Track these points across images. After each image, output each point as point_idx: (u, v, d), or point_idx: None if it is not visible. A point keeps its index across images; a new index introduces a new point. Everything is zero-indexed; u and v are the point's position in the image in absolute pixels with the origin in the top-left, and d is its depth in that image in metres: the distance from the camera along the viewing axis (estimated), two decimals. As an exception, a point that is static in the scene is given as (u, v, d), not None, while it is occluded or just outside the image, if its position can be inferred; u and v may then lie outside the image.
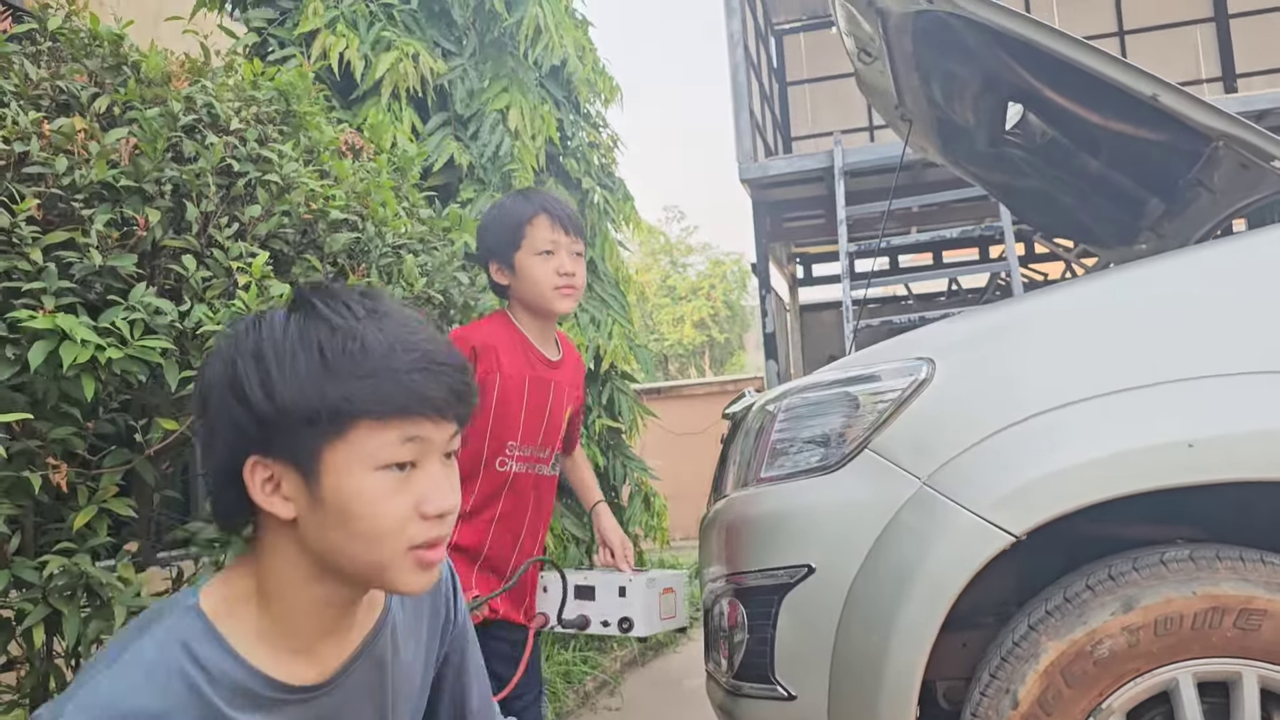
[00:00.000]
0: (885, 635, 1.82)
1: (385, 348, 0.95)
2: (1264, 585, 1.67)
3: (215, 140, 1.98)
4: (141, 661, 0.92)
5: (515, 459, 2.09)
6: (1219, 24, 11.38)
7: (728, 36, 8.35)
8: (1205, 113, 1.85)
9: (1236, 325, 1.78)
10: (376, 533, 0.94)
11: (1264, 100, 7.13)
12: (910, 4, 2.20)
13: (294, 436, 0.93)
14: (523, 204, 2.07)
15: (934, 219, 9.44)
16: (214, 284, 1.91)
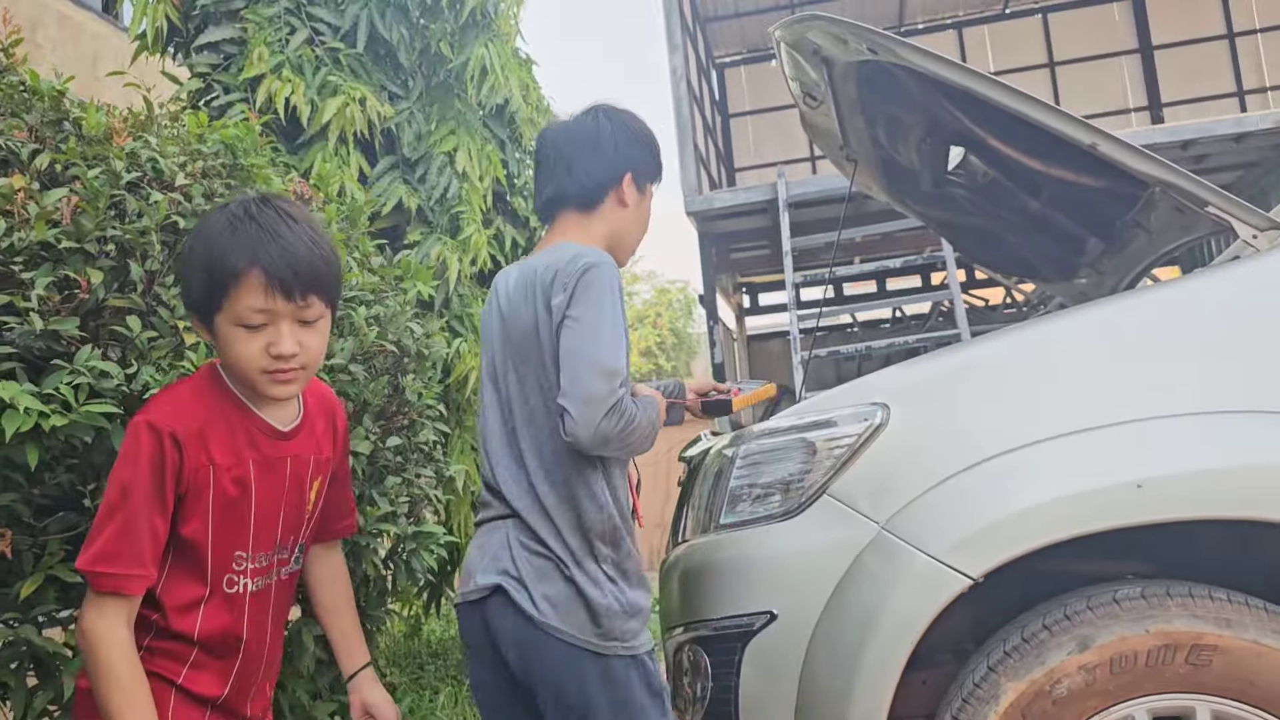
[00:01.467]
0: (849, 679, 1.84)
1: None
2: (1213, 621, 1.71)
3: (159, 197, 1.95)
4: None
5: (249, 574, 1.57)
6: (1144, 55, 11.78)
7: (670, 71, 8.44)
8: (1143, 161, 1.91)
9: (1181, 367, 1.83)
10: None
11: (1189, 130, 7.38)
12: (854, 54, 2.25)
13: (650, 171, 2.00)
14: (231, 250, 1.47)
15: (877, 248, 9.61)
16: (160, 344, 1.87)
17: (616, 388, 1.74)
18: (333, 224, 2.39)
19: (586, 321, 1.78)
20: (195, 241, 1.50)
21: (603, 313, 1.79)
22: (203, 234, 1.50)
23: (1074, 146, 1.99)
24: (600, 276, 1.81)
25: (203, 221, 1.54)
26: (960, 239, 3.42)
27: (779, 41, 2.54)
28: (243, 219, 1.48)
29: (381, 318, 2.35)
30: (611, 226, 2.01)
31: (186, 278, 1.53)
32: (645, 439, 1.82)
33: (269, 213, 1.49)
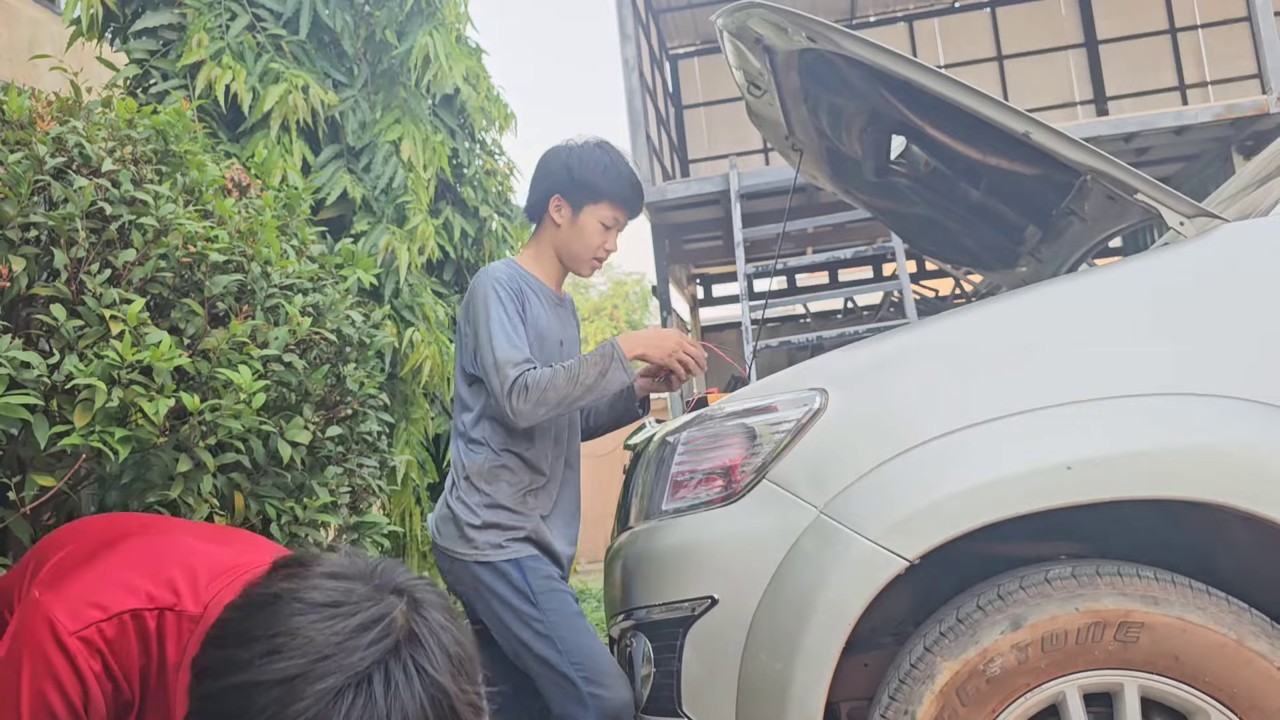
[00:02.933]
0: (789, 661, 1.85)
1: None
2: (1140, 598, 1.74)
3: (85, 183, 1.90)
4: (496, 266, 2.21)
5: None
6: (1089, 49, 11.97)
7: (623, 62, 8.43)
8: (1074, 149, 1.94)
9: (1110, 352, 1.86)
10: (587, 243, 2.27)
11: (1132, 123, 7.51)
12: (795, 43, 2.26)
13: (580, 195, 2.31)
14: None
15: (829, 239, 9.68)
16: (87, 333, 1.84)
17: (509, 373, 2.16)
18: (267, 212, 2.35)
19: (477, 337, 2.24)
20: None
21: (481, 319, 2.23)
22: (263, 686, 0.92)
23: (1009, 135, 2.01)
24: (478, 287, 2.28)
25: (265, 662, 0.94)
26: (905, 228, 3.45)
27: (721, 30, 2.54)
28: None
29: (320, 306, 2.32)
30: (552, 240, 2.40)
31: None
32: (578, 394, 2.20)
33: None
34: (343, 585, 0.99)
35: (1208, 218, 1.94)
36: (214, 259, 2.04)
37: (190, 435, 1.93)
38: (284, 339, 2.10)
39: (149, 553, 1.31)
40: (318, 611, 0.95)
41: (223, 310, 2.11)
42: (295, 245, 2.45)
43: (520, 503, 2.29)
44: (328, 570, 1.02)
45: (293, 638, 0.93)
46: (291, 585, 0.99)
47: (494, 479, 2.27)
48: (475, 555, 2.23)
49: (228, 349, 2.01)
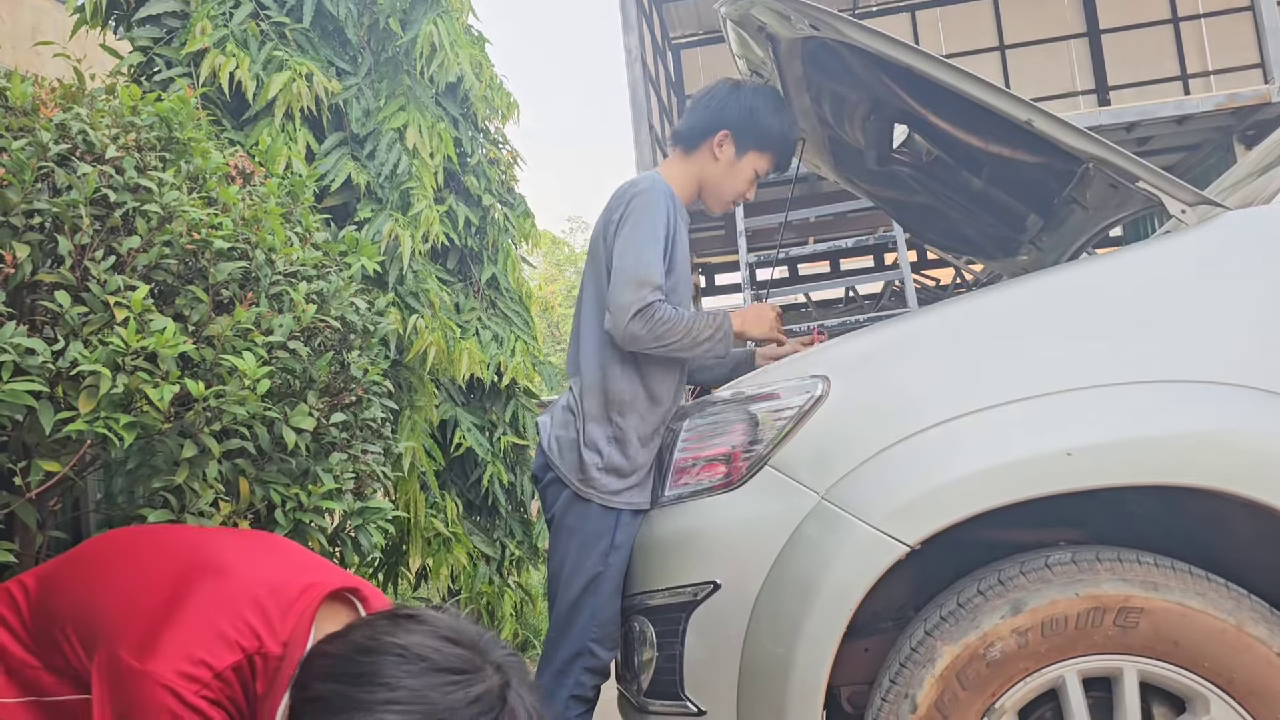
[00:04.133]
0: (791, 646, 1.86)
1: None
2: (1140, 584, 1.75)
3: (88, 169, 1.91)
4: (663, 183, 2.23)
5: None
6: (1091, 39, 11.94)
7: (625, 52, 8.41)
8: (1076, 137, 1.94)
9: (1111, 339, 1.87)
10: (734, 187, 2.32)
11: (1133, 113, 7.50)
12: (798, 31, 2.26)
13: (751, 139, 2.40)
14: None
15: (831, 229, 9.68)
16: (91, 320, 1.84)
17: (645, 295, 2.18)
18: (271, 199, 2.36)
19: (626, 238, 2.23)
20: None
21: (637, 224, 2.24)
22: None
23: (1011, 123, 2.02)
24: (644, 201, 2.26)
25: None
26: (906, 217, 3.46)
27: (725, 18, 2.54)
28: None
29: (324, 293, 2.32)
30: (701, 172, 2.44)
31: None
32: (684, 346, 2.24)
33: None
34: (458, 653, 1.17)
35: (1209, 206, 1.94)
36: (218, 246, 2.04)
37: (195, 421, 1.94)
38: (289, 326, 2.10)
39: (223, 598, 1.36)
40: (439, 675, 1.13)
41: (227, 297, 2.12)
42: (299, 232, 2.45)
43: (641, 446, 2.30)
44: (445, 634, 1.18)
45: (415, 694, 1.11)
46: (415, 640, 1.16)
47: (628, 411, 2.29)
48: (582, 490, 2.28)
49: (232, 336, 2.02)
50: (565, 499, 2.31)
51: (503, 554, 4.92)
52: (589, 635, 2.26)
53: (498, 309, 4.91)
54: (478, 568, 4.69)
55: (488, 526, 4.98)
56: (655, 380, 2.33)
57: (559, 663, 2.27)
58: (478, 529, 4.87)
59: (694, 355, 2.31)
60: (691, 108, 2.47)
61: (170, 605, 1.34)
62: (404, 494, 4.08)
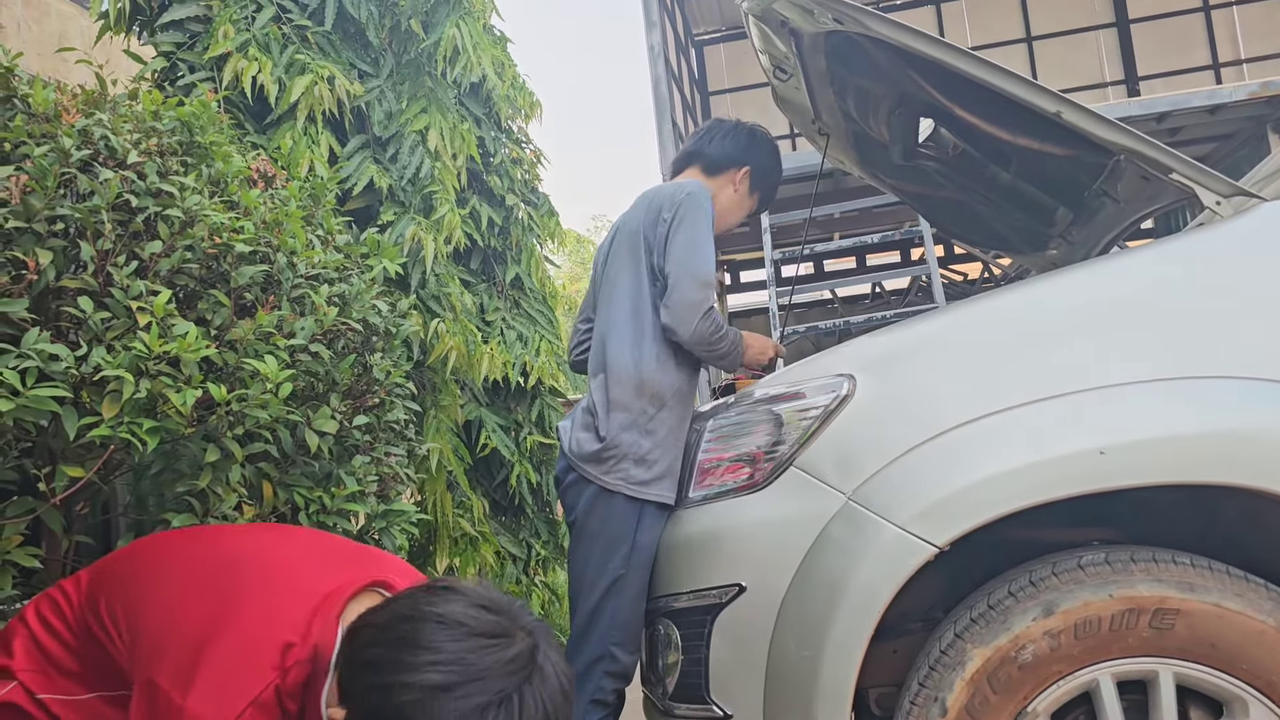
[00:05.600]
0: (818, 649, 1.84)
1: None
2: (1176, 585, 1.71)
3: (110, 175, 1.91)
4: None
5: None
6: (1120, 29, 11.77)
7: (648, 49, 8.38)
8: (1107, 129, 1.90)
9: (1145, 333, 1.82)
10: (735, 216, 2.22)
11: (1163, 103, 7.38)
12: (821, 25, 2.23)
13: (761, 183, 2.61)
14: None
15: (856, 224, 9.61)
16: (114, 325, 1.85)
17: (710, 295, 2.27)
18: (292, 202, 2.36)
19: (688, 238, 2.29)
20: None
21: (695, 228, 2.30)
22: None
23: (1039, 115, 1.98)
24: (696, 204, 2.33)
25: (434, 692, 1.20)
26: (933, 212, 3.41)
27: (747, 14, 2.52)
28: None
29: (346, 296, 2.32)
30: (717, 195, 2.53)
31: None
32: (728, 356, 2.35)
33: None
34: (492, 619, 1.26)
35: (1245, 197, 1.89)
36: (240, 250, 2.05)
37: (218, 425, 1.94)
38: (310, 329, 2.10)
39: (260, 618, 1.39)
40: (476, 639, 1.23)
41: (249, 301, 2.12)
42: (321, 235, 2.45)
43: (669, 437, 2.31)
44: (479, 602, 1.28)
45: (455, 656, 1.21)
46: (452, 608, 1.25)
47: (660, 402, 2.31)
48: (608, 482, 2.28)
49: (254, 339, 2.02)
50: (589, 498, 2.30)
51: (529, 553, 4.92)
52: (611, 639, 2.25)
53: (522, 309, 4.90)
54: (505, 567, 4.69)
55: (514, 526, 4.99)
56: (688, 374, 2.38)
57: (580, 667, 2.26)
58: (504, 529, 4.87)
59: (720, 363, 2.39)
60: (718, 138, 2.60)
61: (208, 633, 1.36)
62: (431, 494, 4.08)
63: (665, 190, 2.40)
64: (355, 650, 1.27)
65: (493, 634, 1.24)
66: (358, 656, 1.26)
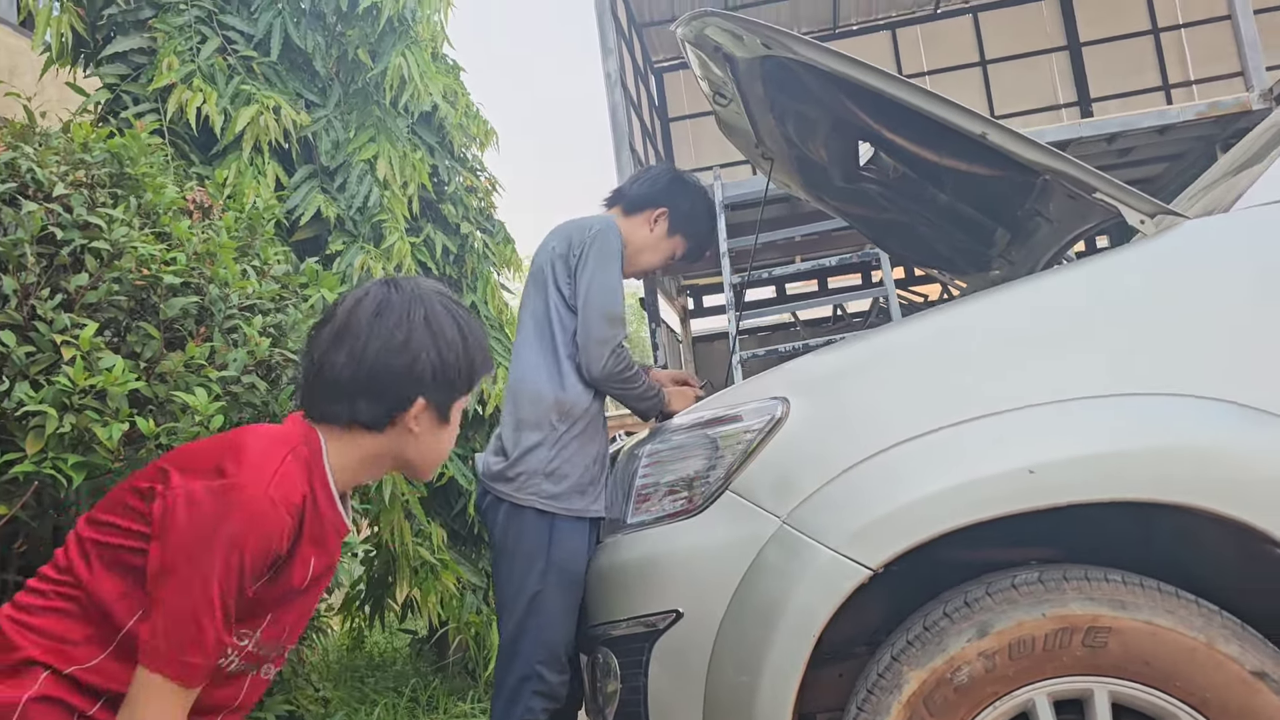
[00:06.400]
0: (755, 674, 1.83)
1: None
2: (1108, 603, 1.72)
3: (34, 208, 1.89)
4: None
5: (241, 653, 1.53)
6: (1072, 52, 12.00)
7: (605, 76, 8.43)
8: (1031, 149, 1.93)
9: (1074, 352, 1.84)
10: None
11: (1114, 124, 7.50)
12: (752, 50, 2.25)
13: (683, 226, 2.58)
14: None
15: (817, 247, 9.67)
16: (39, 359, 1.82)
17: (619, 332, 2.35)
18: (224, 233, 2.34)
19: (595, 275, 2.36)
20: (465, 330, 1.56)
21: (604, 266, 2.37)
22: (467, 323, 1.57)
23: (966, 137, 2.00)
24: (606, 241, 2.41)
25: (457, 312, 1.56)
26: (879, 234, 3.44)
27: (682, 40, 2.54)
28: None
29: (283, 326, 2.30)
30: (633, 234, 2.60)
31: (452, 360, 1.54)
32: (644, 400, 2.41)
33: None
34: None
35: (1169, 215, 1.92)
36: (169, 281, 2.02)
37: (146, 459, 1.91)
38: (243, 360, 2.08)
39: (263, 440, 1.44)
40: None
41: (182, 333, 2.10)
42: (257, 265, 2.43)
43: (580, 452, 2.38)
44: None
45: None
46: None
47: (566, 418, 2.37)
48: (518, 497, 2.33)
49: (185, 371, 1.99)
50: (503, 516, 2.36)
51: (489, 583, 4.87)
52: (536, 658, 2.27)
53: (478, 337, 4.88)
54: (465, 597, 4.64)
55: (473, 556, 4.94)
56: (595, 393, 2.44)
57: (508, 689, 2.28)
58: (463, 558, 4.82)
59: (633, 405, 2.46)
60: (642, 180, 2.69)
61: (222, 458, 1.38)
62: (386, 524, 4.04)
63: (576, 224, 2.50)
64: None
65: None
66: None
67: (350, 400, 1.46)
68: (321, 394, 1.47)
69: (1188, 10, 11.81)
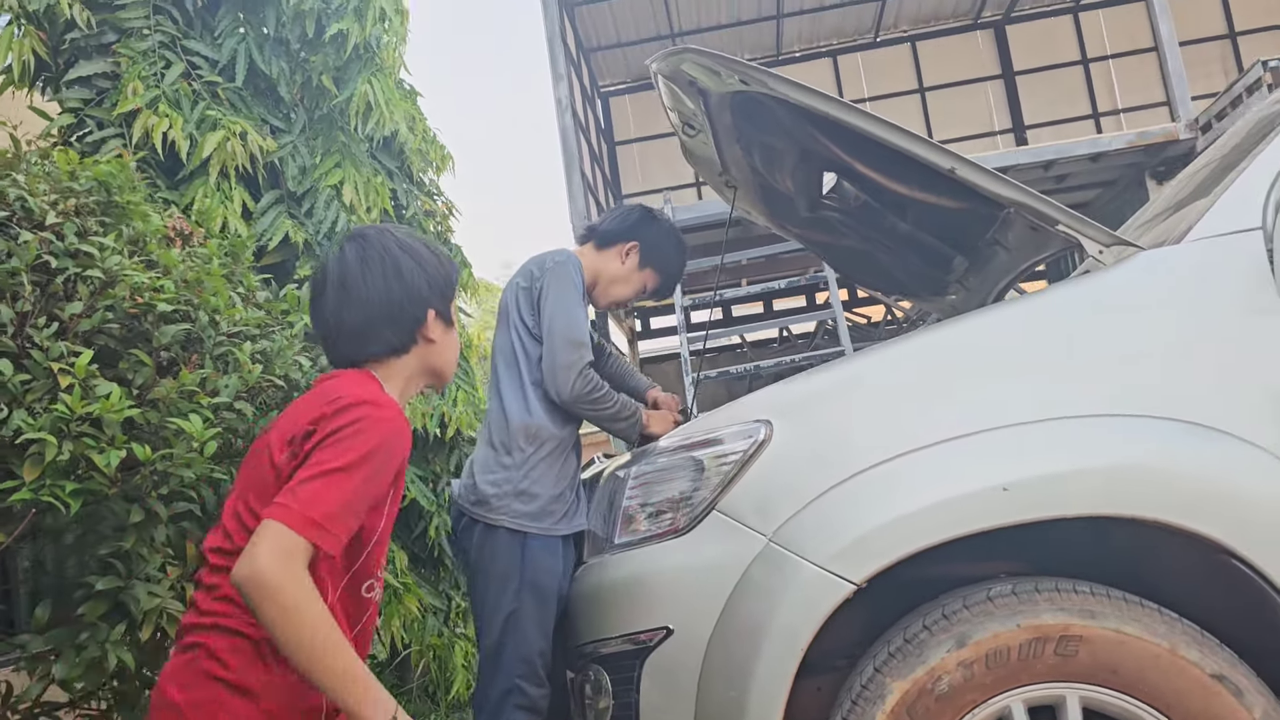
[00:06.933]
0: (744, 688, 1.89)
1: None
2: (1078, 613, 1.81)
3: (29, 237, 1.90)
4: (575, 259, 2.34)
5: (379, 583, 1.76)
6: (1007, 80, 12.40)
7: (555, 102, 8.52)
8: (997, 184, 2.04)
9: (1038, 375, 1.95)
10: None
11: (1049, 151, 7.80)
12: (727, 85, 2.34)
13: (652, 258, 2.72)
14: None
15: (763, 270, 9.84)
16: (34, 387, 1.83)
17: (583, 354, 2.44)
18: (214, 260, 2.36)
19: (556, 302, 2.47)
20: (427, 245, 1.75)
21: (562, 292, 2.48)
22: (422, 241, 1.75)
23: (934, 171, 2.11)
24: (564, 270, 2.52)
25: (410, 235, 1.74)
26: (838, 260, 3.56)
27: (656, 74, 2.62)
28: None
29: (268, 353, 2.32)
30: (605, 267, 2.74)
31: (435, 270, 1.73)
32: (619, 420, 2.52)
33: None
34: None
35: (1124, 246, 2.05)
36: (161, 309, 2.04)
37: (142, 485, 1.92)
38: (235, 386, 2.10)
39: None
40: None
41: (168, 359, 2.11)
42: (241, 292, 2.45)
43: (549, 473, 2.47)
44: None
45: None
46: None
47: (535, 440, 2.46)
48: (490, 517, 2.42)
49: (177, 398, 2.01)
50: (478, 537, 2.45)
51: (449, 605, 4.87)
52: (516, 673, 2.35)
53: (438, 360, 4.90)
54: (426, 620, 4.64)
55: (433, 579, 4.94)
56: (564, 417, 2.54)
57: (491, 704, 2.35)
58: (424, 581, 4.82)
59: (608, 427, 2.57)
60: (613, 217, 2.82)
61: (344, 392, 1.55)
62: (349, 549, 4.03)
63: (536, 259, 2.63)
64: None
65: None
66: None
67: (377, 336, 1.64)
68: (352, 343, 1.64)
69: (1115, 42, 12.29)
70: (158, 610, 2.04)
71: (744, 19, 11.76)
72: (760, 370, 7.45)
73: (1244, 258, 1.90)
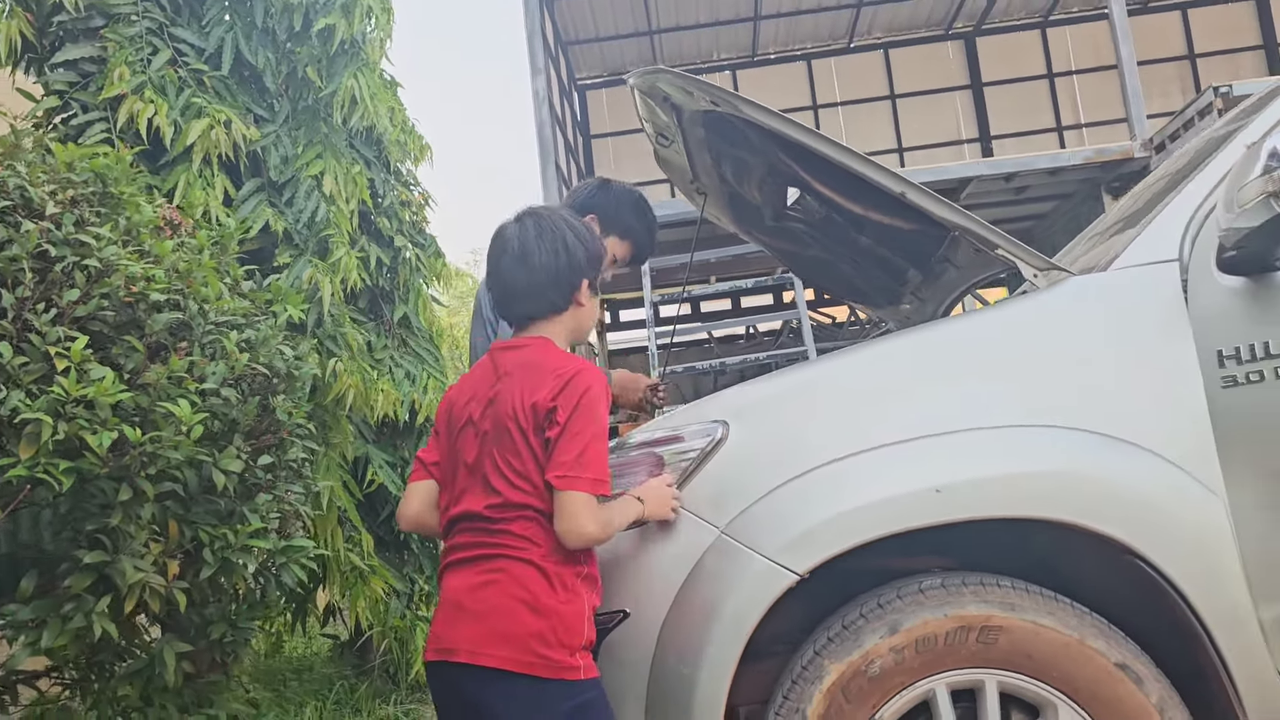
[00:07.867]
0: (694, 668, 2.04)
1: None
2: (1000, 605, 1.99)
3: (31, 226, 2.01)
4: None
5: None
6: (975, 91, 12.65)
7: (533, 94, 8.61)
8: (943, 209, 2.20)
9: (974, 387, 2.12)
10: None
11: (1010, 164, 8.03)
12: (699, 104, 2.48)
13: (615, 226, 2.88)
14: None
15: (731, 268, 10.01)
16: (31, 369, 1.93)
17: None
18: (204, 251, 2.47)
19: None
20: (585, 226, 2.09)
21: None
22: (580, 221, 2.10)
23: (886, 194, 2.27)
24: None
25: (573, 217, 2.09)
26: (801, 268, 3.72)
27: (634, 88, 2.76)
28: None
29: (253, 341, 2.44)
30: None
31: (592, 247, 2.08)
32: None
33: None
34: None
35: (1057, 271, 2.22)
36: (154, 298, 2.15)
37: (132, 465, 2.03)
38: (222, 373, 2.22)
39: None
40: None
41: (158, 344, 2.22)
42: (228, 283, 2.56)
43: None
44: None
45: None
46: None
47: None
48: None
49: (167, 383, 2.12)
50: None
51: (413, 588, 4.99)
52: None
53: (410, 347, 5.01)
54: (390, 602, 4.75)
55: (398, 562, 5.06)
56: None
57: None
58: (389, 564, 4.93)
59: None
60: (570, 196, 2.92)
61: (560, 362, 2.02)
62: (324, 531, 4.14)
63: None
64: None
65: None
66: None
67: (545, 296, 2.01)
68: (525, 301, 2.03)
69: (1080, 58, 12.58)
70: (141, 584, 2.15)
71: (722, 19, 11.91)
72: (726, 367, 7.62)
73: (1162, 287, 2.08)
